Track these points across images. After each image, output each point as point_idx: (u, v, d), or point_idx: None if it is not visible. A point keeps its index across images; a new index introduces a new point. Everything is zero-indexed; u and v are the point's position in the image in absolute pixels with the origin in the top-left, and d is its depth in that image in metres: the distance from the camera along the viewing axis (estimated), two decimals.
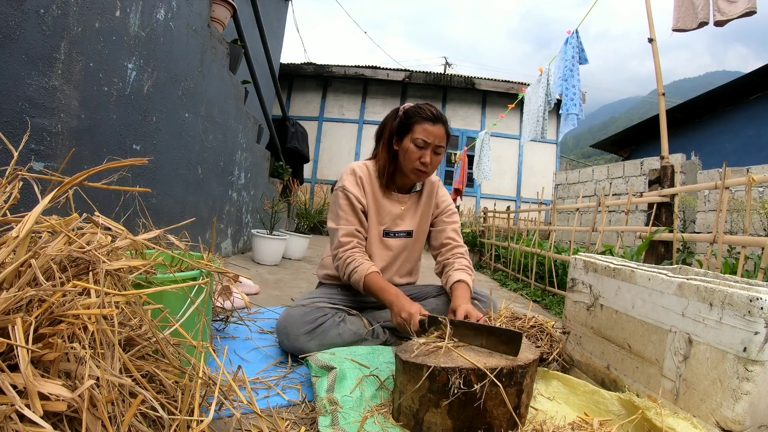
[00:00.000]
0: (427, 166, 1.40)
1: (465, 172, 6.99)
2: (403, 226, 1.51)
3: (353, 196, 1.43)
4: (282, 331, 1.29)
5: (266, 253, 3.18)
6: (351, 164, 1.51)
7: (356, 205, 1.43)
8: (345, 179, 1.47)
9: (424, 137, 1.37)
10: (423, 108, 1.41)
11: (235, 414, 0.74)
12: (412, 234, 1.53)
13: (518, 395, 0.88)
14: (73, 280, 0.66)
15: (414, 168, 1.41)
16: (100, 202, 1.32)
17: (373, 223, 1.48)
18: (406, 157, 1.41)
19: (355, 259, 1.35)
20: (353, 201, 1.42)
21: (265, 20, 4.33)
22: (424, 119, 1.38)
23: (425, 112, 1.39)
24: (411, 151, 1.39)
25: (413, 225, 1.53)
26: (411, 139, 1.39)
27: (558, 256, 2.95)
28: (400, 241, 1.51)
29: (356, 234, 1.41)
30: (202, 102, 2.58)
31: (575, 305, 1.40)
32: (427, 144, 1.38)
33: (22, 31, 1.32)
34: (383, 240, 1.49)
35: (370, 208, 1.47)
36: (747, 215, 1.68)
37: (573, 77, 3.43)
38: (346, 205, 1.43)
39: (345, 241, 1.39)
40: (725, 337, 0.86)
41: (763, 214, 3.78)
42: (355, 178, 1.46)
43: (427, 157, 1.38)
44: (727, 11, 2.31)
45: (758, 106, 7.49)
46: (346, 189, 1.44)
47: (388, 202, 1.50)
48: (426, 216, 1.55)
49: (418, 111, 1.40)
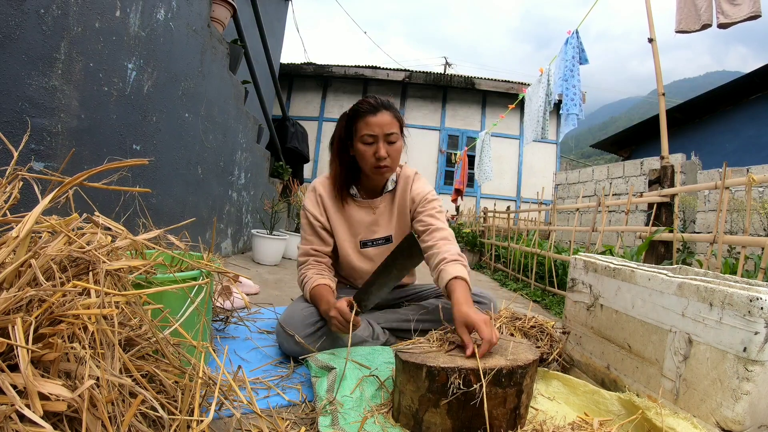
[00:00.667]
0: (383, 159, 1.31)
1: (465, 172, 6.99)
2: (379, 232, 1.46)
3: (311, 215, 1.42)
4: (282, 334, 1.29)
5: (266, 253, 3.18)
6: (314, 181, 1.50)
7: (315, 223, 1.42)
8: (306, 198, 1.47)
9: (369, 131, 1.30)
10: (361, 103, 1.35)
11: (235, 414, 0.74)
12: (391, 239, 1.47)
13: (518, 395, 0.88)
14: (73, 280, 0.66)
15: (372, 166, 1.33)
16: (100, 202, 1.32)
17: (347, 237, 1.45)
18: (361, 158, 1.35)
19: (306, 275, 1.37)
20: (311, 220, 1.42)
21: (265, 20, 4.33)
22: (364, 113, 1.32)
23: (363, 105, 1.33)
24: (363, 150, 1.32)
25: (390, 229, 1.47)
26: (358, 138, 1.33)
27: (558, 256, 2.95)
28: (379, 249, 1.46)
29: (312, 253, 1.41)
30: (202, 102, 2.58)
31: (575, 305, 1.40)
32: (374, 137, 1.31)
33: (22, 31, 1.32)
34: (361, 251, 1.46)
35: (337, 223, 1.44)
36: (747, 215, 1.68)
37: (573, 77, 3.43)
38: (306, 224, 1.44)
39: (301, 261, 1.42)
40: (725, 337, 0.86)
41: (763, 214, 3.78)
42: (315, 195, 1.45)
43: (381, 151, 1.30)
44: (731, 14, 2.30)
45: (758, 106, 7.49)
46: (306, 208, 1.44)
47: (358, 212, 1.45)
48: (403, 214, 1.47)
49: (357, 108, 1.35)
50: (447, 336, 1.05)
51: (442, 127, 9.44)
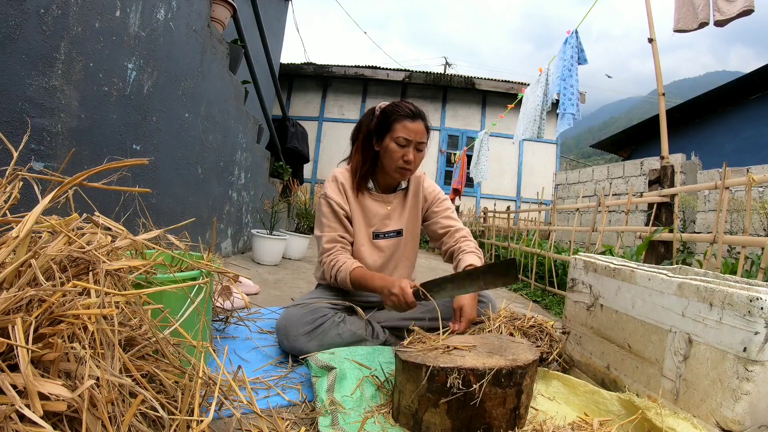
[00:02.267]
0: (410, 163, 1.39)
1: (464, 172, 6.99)
2: (391, 225, 1.52)
3: (335, 203, 1.44)
4: (282, 332, 1.29)
5: (266, 253, 3.18)
6: (333, 170, 1.52)
7: (339, 211, 1.44)
8: (327, 186, 1.48)
9: (405, 135, 1.36)
10: (401, 106, 1.40)
11: (235, 414, 0.74)
12: (401, 233, 1.53)
13: (518, 395, 0.88)
14: (73, 280, 0.66)
15: (398, 167, 1.40)
16: (100, 202, 1.32)
17: (362, 227, 1.48)
18: (388, 156, 1.40)
19: (338, 260, 1.37)
20: (335, 208, 1.44)
21: (265, 20, 4.33)
22: (404, 117, 1.37)
23: (404, 109, 1.38)
24: (393, 150, 1.38)
25: (401, 224, 1.53)
26: (392, 138, 1.38)
27: (558, 256, 2.95)
28: (390, 241, 1.52)
29: (339, 239, 1.42)
30: (202, 102, 2.58)
31: (575, 305, 1.40)
32: (408, 142, 1.37)
33: (22, 31, 1.32)
34: (374, 242, 1.50)
35: (355, 212, 1.47)
36: (747, 215, 1.68)
37: (572, 77, 3.43)
38: (329, 212, 1.45)
39: (328, 247, 1.42)
40: (725, 337, 0.86)
41: (763, 214, 3.78)
42: (337, 184, 1.47)
43: (410, 155, 1.38)
44: (726, 10, 2.31)
45: (758, 106, 7.49)
46: (328, 196, 1.45)
47: (373, 204, 1.50)
48: (415, 212, 1.55)
49: (397, 109, 1.39)
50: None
51: (442, 127, 9.44)
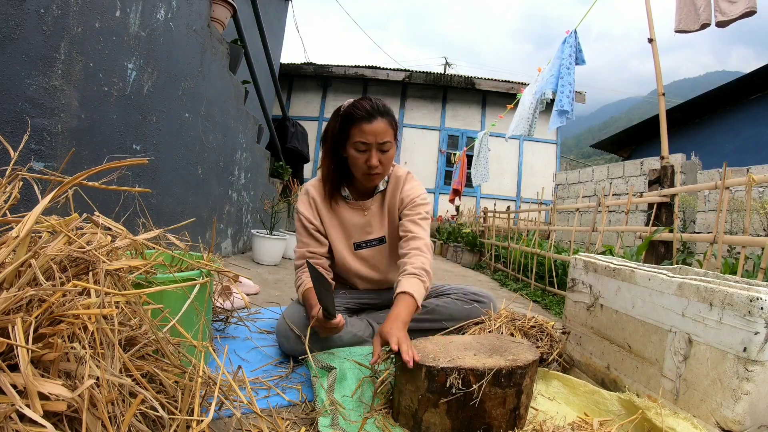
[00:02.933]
0: (375, 167, 1.28)
1: (464, 172, 6.99)
2: (373, 234, 1.45)
3: (304, 218, 1.42)
4: (282, 334, 1.29)
5: (266, 253, 3.18)
6: (305, 184, 1.49)
7: (308, 226, 1.42)
8: (299, 201, 1.46)
9: (363, 139, 1.26)
10: (357, 106, 1.28)
11: (235, 414, 0.74)
12: (384, 239, 1.46)
13: (518, 396, 0.88)
14: (73, 280, 0.66)
15: (364, 173, 1.31)
16: (100, 202, 1.32)
17: (340, 239, 1.44)
18: (353, 163, 1.32)
19: (301, 278, 1.38)
20: (305, 223, 1.42)
21: (265, 20, 4.33)
22: (360, 119, 1.25)
23: (359, 110, 1.27)
24: (354, 156, 1.29)
25: (383, 230, 1.45)
26: (351, 144, 1.28)
27: (558, 256, 2.95)
28: (373, 250, 1.46)
29: (308, 255, 1.41)
30: (202, 102, 2.58)
31: (575, 305, 1.40)
32: (368, 146, 1.26)
33: (22, 31, 1.32)
34: (356, 253, 1.46)
35: (331, 226, 1.43)
36: (747, 215, 1.68)
37: (569, 75, 3.43)
38: (300, 227, 1.44)
39: (298, 264, 1.43)
40: (725, 337, 0.86)
41: (763, 214, 3.78)
42: (308, 198, 1.44)
43: (373, 159, 1.27)
44: (728, 11, 2.31)
45: (758, 106, 7.49)
46: (299, 211, 1.44)
47: (349, 213, 1.43)
48: (393, 214, 1.45)
49: (352, 111, 1.28)
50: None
51: (442, 127, 9.44)
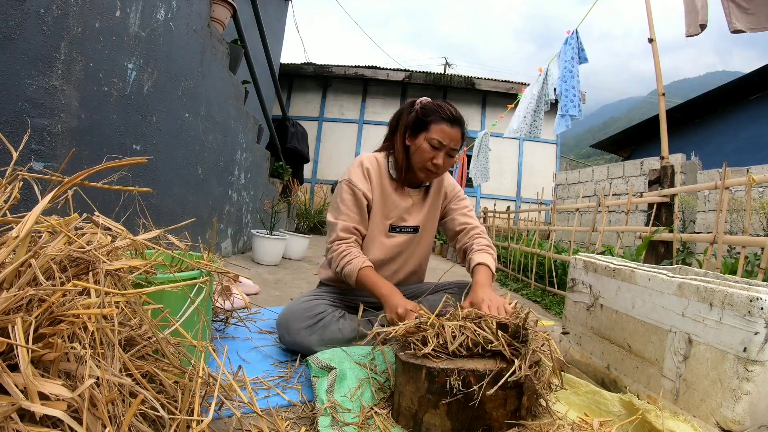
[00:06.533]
0: (438, 168, 1.34)
1: (464, 172, 6.99)
2: (410, 221, 1.46)
3: (359, 191, 1.37)
4: (283, 325, 1.30)
5: (266, 253, 3.18)
6: (360, 156, 1.45)
7: (361, 200, 1.37)
8: (352, 172, 1.40)
9: (441, 138, 1.31)
10: (443, 107, 1.34)
11: (235, 414, 0.74)
12: (417, 229, 1.48)
13: (518, 397, 0.88)
14: (73, 280, 0.66)
15: (424, 167, 1.35)
16: (100, 202, 1.32)
17: (379, 218, 1.42)
18: (418, 154, 1.35)
19: (350, 252, 1.31)
20: (359, 196, 1.37)
21: (265, 20, 4.33)
22: (443, 119, 1.31)
23: (444, 111, 1.32)
24: (424, 150, 1.33)
25: (419, 220, 1.47)
26: (426, 137, 1.32)
27: (558, 256, 2.95)
28: (404, 236, 1.46)
29: (354, 231, 1.36)
30: (202, 102, 2.58)
31: (575, 305, 1.40)
32: (442, 145, 1.32)
33: (22, 31, 1.32)
34: (388, 234, 1.45)
35: (375, 202, 1.41)
36: (747, 215, 1.68)
37: (573, 78, 3.43)
38: (350, 199, 1.37)
39: (343, 236, 1.35)
40: (725, 337, 0.86)
41: (762, 214, 3.78)
42: (362, 170, 1.40)
43: (440, 159, 1.33)
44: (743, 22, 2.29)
45: (758, 106, 7.49)
46: (352, 183, 1.38)
47: (396, 196, 1.43)
48: (434, 210, 1.50)
49: (438, 109, 1.33)
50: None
51: None
